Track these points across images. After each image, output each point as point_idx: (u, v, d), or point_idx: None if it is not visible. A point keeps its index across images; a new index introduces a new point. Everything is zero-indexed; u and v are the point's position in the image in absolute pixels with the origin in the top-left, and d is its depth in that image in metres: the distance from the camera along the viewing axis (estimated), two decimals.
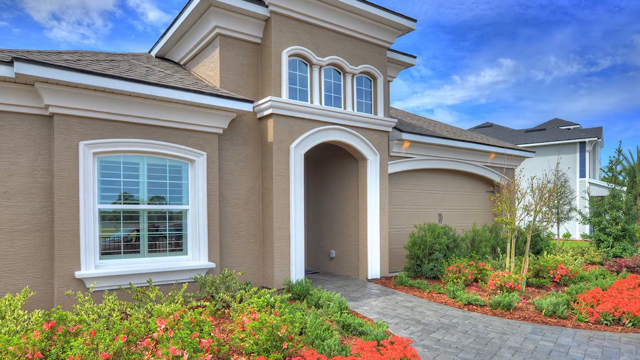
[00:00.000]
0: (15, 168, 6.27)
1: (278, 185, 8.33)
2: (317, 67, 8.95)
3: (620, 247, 12.89)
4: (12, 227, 6.22)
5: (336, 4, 8.76)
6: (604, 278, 9.29)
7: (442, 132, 12.12)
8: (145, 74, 7.41)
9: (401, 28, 9.94)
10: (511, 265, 8.70)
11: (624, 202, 13.76)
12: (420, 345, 5.40)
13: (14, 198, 6.24)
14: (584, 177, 26.12)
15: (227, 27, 8.26)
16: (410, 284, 8.88)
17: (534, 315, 6.84)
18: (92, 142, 6.58)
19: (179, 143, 7.41)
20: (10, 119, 6.26)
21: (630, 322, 6.30)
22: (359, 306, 7.32)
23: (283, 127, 8.39)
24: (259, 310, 5.53)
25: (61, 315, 4.69)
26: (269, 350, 4.61)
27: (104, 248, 6.88)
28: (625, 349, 5.38)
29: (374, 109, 9.96)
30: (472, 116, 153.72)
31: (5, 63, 5.90)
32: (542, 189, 8.74)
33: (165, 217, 7.45)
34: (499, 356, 5.08)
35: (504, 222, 8.85)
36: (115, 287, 6.68)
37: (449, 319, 6.61)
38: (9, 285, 6.17)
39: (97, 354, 3.94)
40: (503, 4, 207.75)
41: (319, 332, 5.06)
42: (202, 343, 4.40)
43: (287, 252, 8.41)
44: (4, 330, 4.58)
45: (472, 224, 11.97)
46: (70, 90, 6.32)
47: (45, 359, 4.25)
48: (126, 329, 4.46)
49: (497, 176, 13.02)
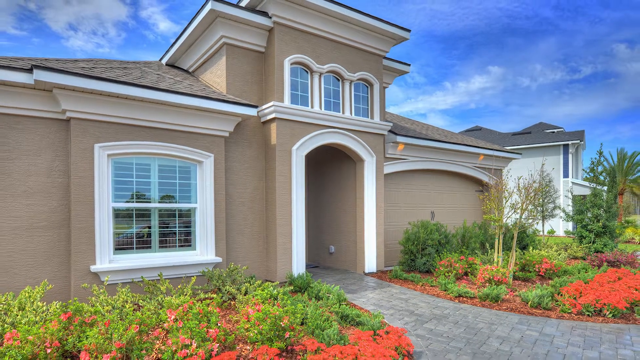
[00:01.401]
0: (35, 169, 6.27)
1: (281, 185, 8.33)
2: (317, 74, 8.95)
3: (601, 242, 12.88)
4: (32, 224, 6.23)
5: (335, 15, 8.76)
6: (586, 272, 9.29)
7: (434, 135, 12.12)
8: (157, 81, 7.41)
9: (396, 37, 9.95)
10: (499, 260, 8.70)
11: (605, 200, 13.75)
12: (414, 335, 5.41)
13: (33, 197, 6.25)
14: (567, 177, 26.12)
15: (233, 36, 8.26)
16: (405, 277, 8.88)
17: (521, 306, 6.84)
18: (107, 145, 6.58)
19: (188, 145, 7.41)
20: (30, 123, 6.26)
21: (610, 313, 6.30)
22: (357, 298, 7.33)
23: (285, 131, 8.39)
24: (263, 302, 5.53)
25: (77, 306, 4.69)
26: (272, 339, 4.61)
27: (118, 244, 6.88)
28: (606, 338, 5.39)
29: (371, 113, 9.96)
30: (463, 120, 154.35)
31: (25, 70, 5.90)
32: (528, 188, 8.75)
33: (175, 214, 7.45)
34: (487, 345, 5.08)
35: (493, 220, 8.86)
36: (128, 281, 6.68)
37: (440, 310, 6.61)
38: (29, 278, 6.17)
39: (111, 343, 3.94)
40: (491, 15, 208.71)
41: (319, 323, 5.07)
42: (210, 333, 4.40)
43: (289, 247, 8.41)
44: (24, 320, 4.58)
45: (463, 221, 11.96)
46: (86, 96, 6.32)
47: (63, 348, 4.26)
48: (138, 320, 4.46)
49: (485, 176, 13.02)
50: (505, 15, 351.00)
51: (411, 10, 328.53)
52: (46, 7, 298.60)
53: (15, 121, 6.16)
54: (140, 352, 4.10)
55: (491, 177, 12.92)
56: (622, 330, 5.71)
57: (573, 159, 26.84)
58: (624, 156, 30.43)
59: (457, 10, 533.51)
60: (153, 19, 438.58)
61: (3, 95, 5.98)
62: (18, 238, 6.13)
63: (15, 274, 6.09)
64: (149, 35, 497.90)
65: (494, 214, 9.03)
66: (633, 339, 5.34)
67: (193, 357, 3.86)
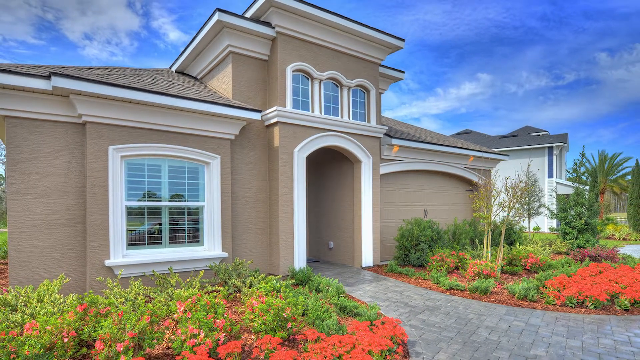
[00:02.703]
0: (53, 169, 6.27)
1: (283, 184, 8.33)
2: (317, 81, 8.95)
3: (583, 238, 12.88)
4: (50, 221, 6.23)
5: (335, 25, 8.76)
6: (569, 266, 9.29)
7: (427, 138, 12.12)
8: (167, 87, 7.40)
9: (391, 46, 9.94)
10: (488, 255, 8.70)
11: (587, 199, 13.75)
12: (408, 325, 5.40)
13: (51, 196, 6.25)
14: (551, 177, 26.11)
15: (239, 45, 8.26)
16: (399, 271, 8.88)
17: (508, 298, 6.84)
18: (120, 147, 6.59)
19: (196, 147, 7.41)
20: (48, 127, 6.26)
21: (592, 304, 6.30)
22: (354, 291, 7.32)
23: (287, 134, 8.39)
24: (266, 295, 5.53)
25: (93, 298, 4.69)
26: (275, 329, 4.62)
27: (130, 240, 6.89)
28: (588, 328, 5.39)
29: (368, 117, 9.96)
30: (454, 124, 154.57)
31: (43, 77, 5.90)
32: (515, 187, 8.75)
33: (184, 212, 7.45)
34: (477, 335, 5.08)
35: (482, 217, 8.86)
36: (140, 274, 6.69)
37: (433, 302, 6.61)
38: (47, 272, 6.18)
39: (124, 333, 3.94)
40: (481, 25, 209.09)
41: (319, 314, 5.07)
42: (217, 323, 4.40)
43: (291, 243, 8.41)
44: (43, 311, 4.58)
45: (454, 219, 11.97)
46: (100, 101, 6.32)
47: (79, 337, 4.26)
48: (150, 311, 4.47)
49: (475, 176, 13.01)
50: (494, 26, 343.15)
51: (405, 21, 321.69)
52: (63, 18, 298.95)
53: (35, 125, 6.17)
54: (152, 341, 4.10)
55: (480, 177, 12.92)
56: (603, 321, 5.71)
57: (557, 160, 26.83)
58: (604, 158, 30.44)
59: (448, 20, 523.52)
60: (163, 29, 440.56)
61: (23, 101, 5.99)
62: (37, 234, 6.13)
63: (34, 267, 6.10)
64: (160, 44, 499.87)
65: (483, 212, 9.03)
66: (613, 329, 5.35)
67: (201, 346, 3.86)
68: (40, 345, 3.75)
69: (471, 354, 4.44)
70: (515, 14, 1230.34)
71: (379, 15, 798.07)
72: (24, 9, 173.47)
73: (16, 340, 3.71)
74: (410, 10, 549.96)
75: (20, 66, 6.34)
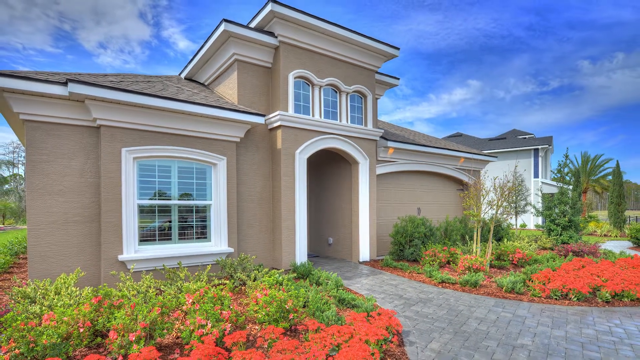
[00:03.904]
0: (69, 170, 6.27)
1: (285, 184, 8.32)
2: (317, 87, 8.95)
3: (567, 235, 12.87)
4: (67, 219, 6.23)
5: (334, 35, 8.76)
6: (554, 261, 9.28)
7: (420, 141, 12.11)
8: (176, 93, 7.40)
9: (387, 55, 9.94)
10: (477, 250, 8.69)
11: (571, 198, 13.74)
12: (402, 316, 5.40)
13: (68, 195, 6.25)
14: (537, 177, 26.10)
15: (243, 54, 8.26)
16: (394, 265, 8.88)
17: (496, 291, 6.84)
18: (132, 149, 6.58)
19: (204, 149, 7.41)
20: (65, 130, 6.26)
21: (575, 297, 6.30)
22: (352, 284, 7.32)
23: (289, 137, 8.38)
24: (270, 287, 5.53)
25: (107, 291, 4.69)
26: (278, 320, 4.61)
27: (142, 236, 6.88)
28: (571, 319, 5.39)
29: (364, 121, 9.95)
30: (445, 127, 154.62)
31: (60, 84, 5.90)
32: (503, 187, 8.74)
33: (192, 210, 7.45)
34: (467, 325, 5.07)
35: (472, 215, 8.85)
36: (151, 268, 6.69)
37: (426, 295, 6.61)
38: (64, 266, 6.18)
39: (136, 323, 3.94)
40: (471, 35, 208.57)
41: (319, 305, 5.07)
42: (223, 314, 4.40)
43: (292, 239, 8.40)
44: (60, 303, 4.59)
45: (445, 216, 11.97)
46: (114, 106, 6.32)
47: (94, 327, 4.26)
48: (160, 303, 4.46)
49: (465, 177, 13.01)
50: (483, 35, 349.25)
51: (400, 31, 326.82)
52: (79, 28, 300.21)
53: (53, 128, 6.17)
54: (162, 331, 4.10)
55: (470, 177, 12.91)
56: (585, 312, 5.71)
57: (542, 161, 26.82)
58: (587, 159, 30.42)
59: (440, 30, 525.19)
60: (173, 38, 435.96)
61: (42, 106, 5.99)
62: (55, 231, 6.13)
63: (52, 262, 6.09)
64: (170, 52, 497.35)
65: (473, 210, 9.02)
66: (595, 320, 5.34)
67: (208, 336, 3.86)
68: (57, 335, 3.75)
69: (462, 343, 4.44)
70: (503, 24, 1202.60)
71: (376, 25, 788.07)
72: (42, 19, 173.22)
73: (35, 330, 3.71)
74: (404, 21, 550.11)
75: (39, 73, 6.34)
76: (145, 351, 3.42)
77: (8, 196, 32.45)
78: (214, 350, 3.54)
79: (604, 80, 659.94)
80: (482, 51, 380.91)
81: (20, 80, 5.66)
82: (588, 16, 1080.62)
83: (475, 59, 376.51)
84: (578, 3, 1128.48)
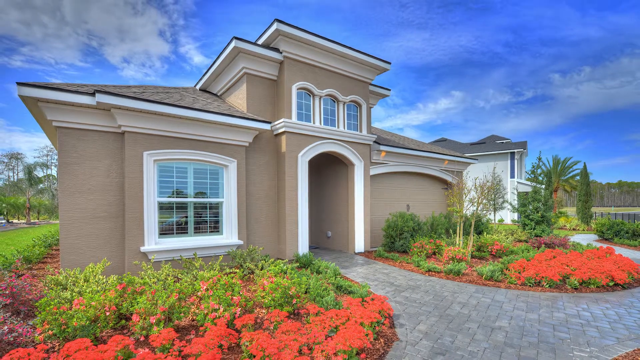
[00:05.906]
0: (96, 171, 6.27)
1: (289, 184, 8.32)
2: (317, 97, 8.95)
3: (540, 229, 12.87)
4: (94, 215, 6.23)
5: (333, 51, 8.76)
6: (528, 252, 9.28)
7: (409, 145, 12.11)
8: (192, 102, 7.40)
9: (379, 68, 9.94)
10: (460, 242, 8.69)
11: (543, 196, 13.73)
12: (393, 301, 5.40)
13: (95, 193, 6.25)
14: (513, 177, 26.09)
15: (252, 67, 8.26)
16: (386, 256, 8.87)
17: (477, 279, 6.84)
18: (153, 152, 6.58)
19: (217, 153, 7.40)
20: (93, 135, 6.26)
21: (547, 284, 6.30)
22: (349, 272, 7.32)
23: (293, 141, 8.38)
24: (275, 276, 5.53)
25: (130, 279, 4.70)
26: (282, 304, 4.62)
27: (162, 230, 6.88)
28: (544, 303, 5.39)
29: (360, 127, 9.95)
30: (432, 133, 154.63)
31: (89, 94, 5.90)
32: (483, 186, 8.74)
33: (206, 207, 7.45)
34: (451, 309, 5.08)
35: (455, 211, 8.85)
36: (170, 259, 6.69)
37: (414, 282, 6.61)
38: (92, 257, 6.18)
39: (156, 307, 3.95)
40: (454, 50, 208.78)
41: (319, 292, 5.07)
42: (234, 299, 4.41)
43: (295, 233, 8.40)
44: (88, 290, 4.59)
45: (432, 212, 11.96)
46: (136, 114, 6.32)
47: (119, 311, 4.26)
48: (178, 289, 4.47)
49: (449, 177, 13.01)
50: (465, 51, 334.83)
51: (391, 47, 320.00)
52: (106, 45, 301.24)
53: (82, 134, 6.17)
54: (179, 315, 4.10)
55: (454, 178, 12.91)
56: (556, 298, 5.71)
57: (518, 163, 26.81)
58: (558, 161, 30.40)
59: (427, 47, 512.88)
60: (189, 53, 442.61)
61: (72, 114, 5.99)
62: (84, 225, 6.13)
63: (81, 253, 6.10)
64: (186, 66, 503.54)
65: (456, 207, 9.02)
66: (565, 304, 5.35)
67: (220, 319, 3.86)
68: (86, 317, 3.76)
69: (446, 325, 4.44)
70: (483, 42, 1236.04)
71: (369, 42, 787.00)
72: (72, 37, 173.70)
73: (66, 313, 3.71)
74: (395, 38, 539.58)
75: (70, 85, 6.34)
76: (165, 332, 3.42)
77: (42, 194, 32.44)
78: (225, 331, 3.54)
79: (573, 91, 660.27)
80: (464, 65, 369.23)
81: (54, 91, 5.66)
82: (559, 34, 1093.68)
83: (458, 72, 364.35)
84: (550, 22, 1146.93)
